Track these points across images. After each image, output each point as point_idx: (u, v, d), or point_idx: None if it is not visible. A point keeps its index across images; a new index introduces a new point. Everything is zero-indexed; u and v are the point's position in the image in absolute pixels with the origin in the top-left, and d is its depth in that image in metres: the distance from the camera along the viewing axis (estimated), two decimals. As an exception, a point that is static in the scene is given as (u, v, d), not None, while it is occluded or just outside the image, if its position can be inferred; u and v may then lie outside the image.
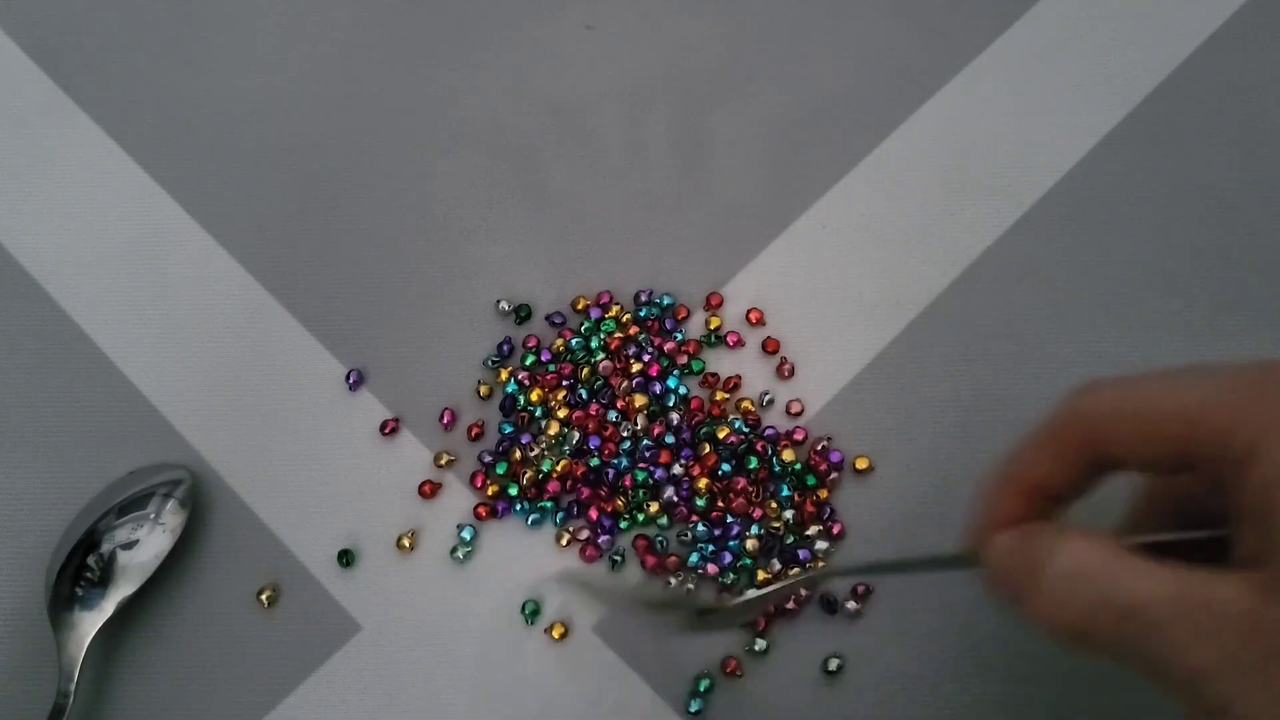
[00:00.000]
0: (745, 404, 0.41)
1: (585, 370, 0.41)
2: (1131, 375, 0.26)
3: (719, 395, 0.41)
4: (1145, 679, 0.24)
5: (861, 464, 0.40)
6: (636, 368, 0.41)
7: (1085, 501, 0.28)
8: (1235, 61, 0.47)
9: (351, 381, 0.42)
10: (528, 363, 0.42)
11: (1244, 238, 0.44)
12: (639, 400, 0.41)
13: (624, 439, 0.40)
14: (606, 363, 0.41)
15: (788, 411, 0.41)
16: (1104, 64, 0.47)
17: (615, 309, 0.43)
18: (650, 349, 0.42)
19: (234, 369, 0.42)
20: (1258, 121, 0.46)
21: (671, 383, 0.41)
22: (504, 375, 0.42)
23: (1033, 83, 0.47)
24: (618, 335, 0.42)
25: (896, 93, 0.47)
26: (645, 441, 0.40)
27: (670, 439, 0.40)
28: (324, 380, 0.42)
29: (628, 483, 0.40)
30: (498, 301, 0.43)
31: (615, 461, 0.40)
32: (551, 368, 0.42)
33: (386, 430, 0.41)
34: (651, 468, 0.40)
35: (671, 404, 0.41)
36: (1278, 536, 0.22)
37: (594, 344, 0.42)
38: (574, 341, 0.42)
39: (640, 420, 0.41)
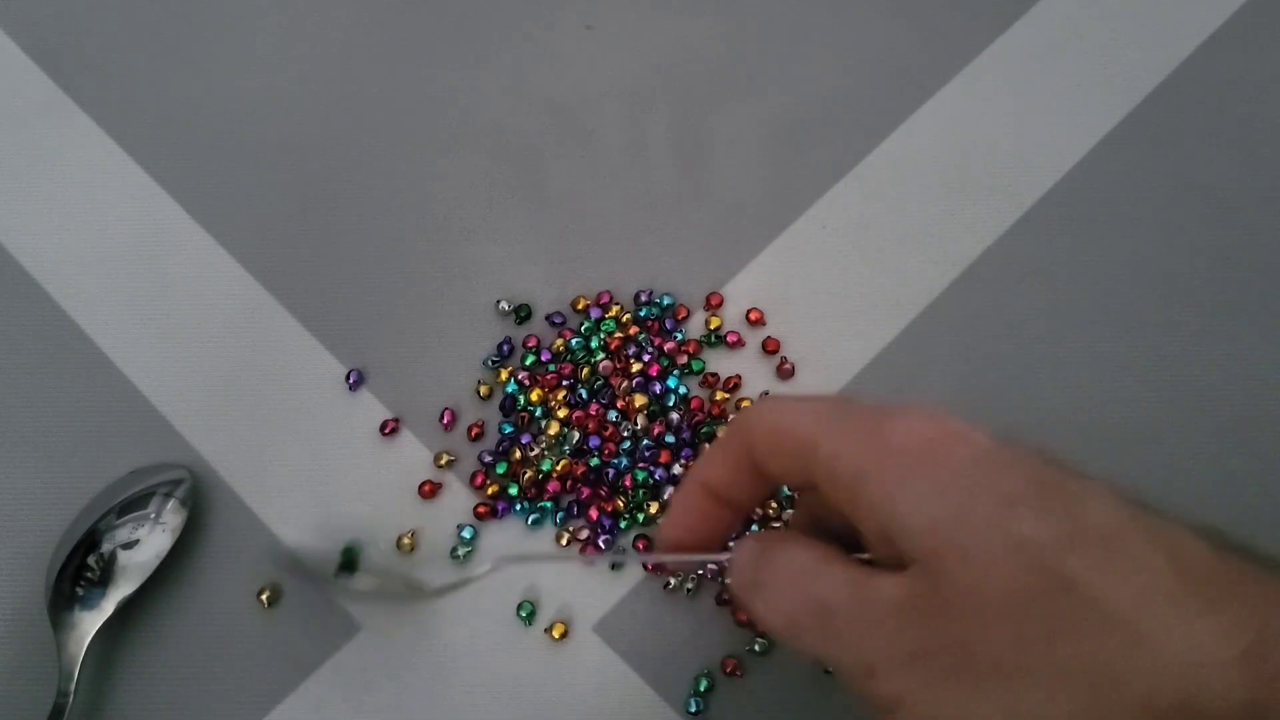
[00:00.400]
0: (745, 404, 0.41)
1: (585, 370, 0.41)
2: (792, 398, 0.30)
3: (719, 395, 0.41)
4: (844, 685, 0.26)
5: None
6: (636, 368, 0.41)
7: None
8: (1235, 61, 0.47)
9: (351, 381, 0.42)
10: (528, 363, 0.42)
11: (1244, 238, 0.44)
12: (639, 400, 0.41)
13: (624, 439, 0.40)
14: (606, 363, 0.41)
15: (788, 411, 0.41)
16: (1104, 64, 0.47)
17: (615, 309, 0.43)
18: (650, 349, 0.42)
19: (234, 369, 0.42)
20: (1258, 121, 0.46)
21: (671, 382, 0.41)
22: (504, 375, 0.42)
23: (1033, 83, 0.47)
24: (618, 335, 0.42)
25: (896, 93, 0.47)
26: (645, 441, 0.40)
27: (670, 439, 0.40)
28: (324, 380, 0.42)
29: (628, 483, 0.40)
30: (498, 302, 0.43)
31: (615, 461, 0.40)
32: (551, 368, 0.42)
33: (386, 430, 0.41)
34: (651, 467, 0.40)
35: (671, 404, 0.41)
36: (906, 540, 0.24)
37: (594, 344, 0.42)
38: (574, 341, 0.42)
39: (640, 420, 0.41)
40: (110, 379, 0.42)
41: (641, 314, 0.43)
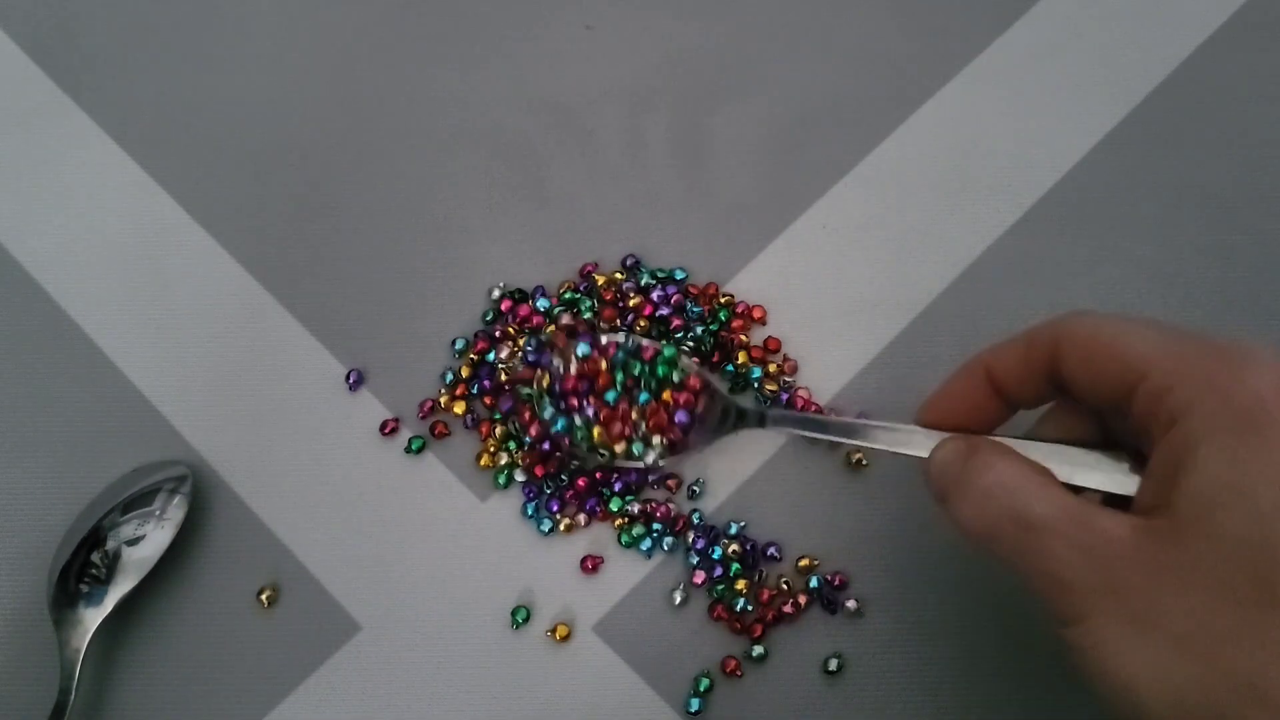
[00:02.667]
0: (772, 367, 0.41)
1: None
2: (1117, 315, 0.29)
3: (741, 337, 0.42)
4: (1026, 587, 0.27)
5: (861, 460, 0.40)
6: (634, 301, 0.42)
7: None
8: (1235, 61, 0.47)
9: (351, 381, 0.42)
10: (488, 318, 0.42)
11: (1244, 238, 0.44)
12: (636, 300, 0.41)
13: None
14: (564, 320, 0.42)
15: (788, 411, 0.41)
16: (1104, 64, 0.47)
17: (602, 278, 0.43)
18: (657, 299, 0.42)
19: (234, 369, 0.42)
20: (1258, 121, 0.46)
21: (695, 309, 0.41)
22: (466, 372, 0.42)
23: (1033, 83, 0.47)
24: (610, 288, 0.42)
25: (896, 93, 0.47)
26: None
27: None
28: (324, 380, 0.42)
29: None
30: (490, 289, 0.43)
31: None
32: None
33: (386, 430, 0.41)
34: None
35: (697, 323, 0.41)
36: (1181, 492, 0.25)
37: (585, 305, 0.42)
38: (557, 309, 0.42)
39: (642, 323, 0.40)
40: (110, 379, 0.42)
41: (642, 281, 0.43)
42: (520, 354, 0.41)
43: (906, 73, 0.47)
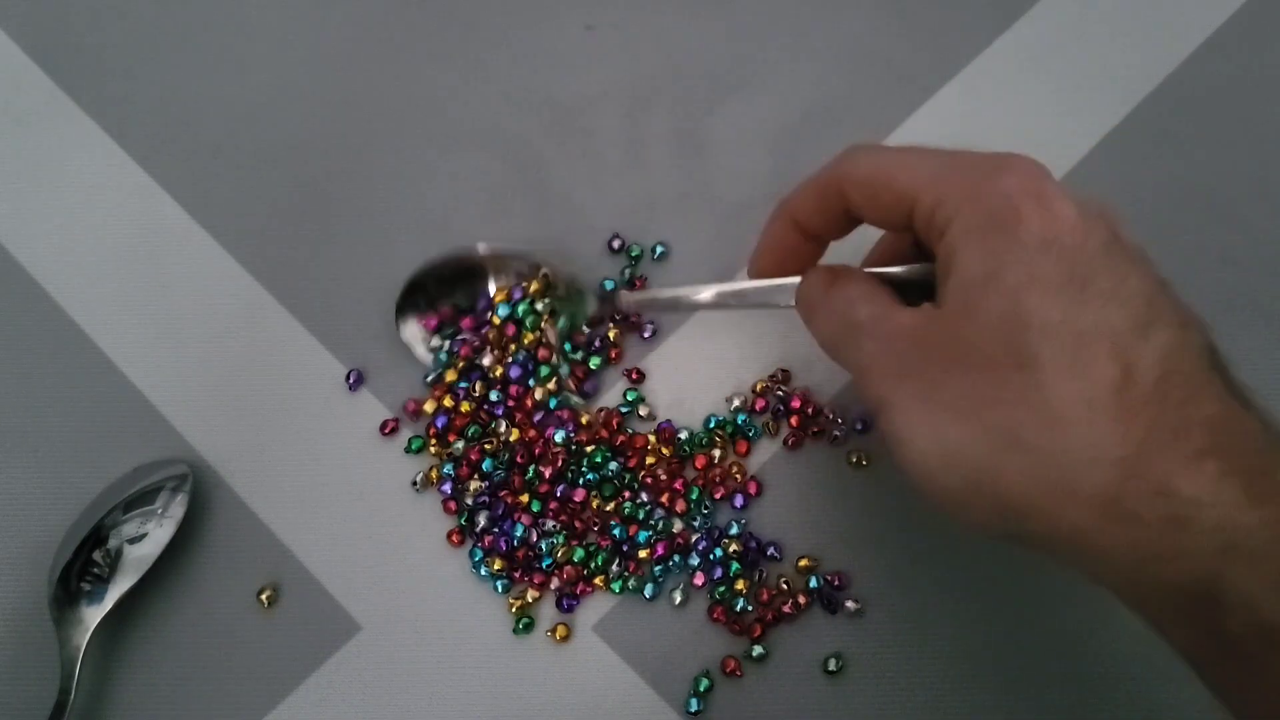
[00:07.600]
0: (760, 385, 0.41)
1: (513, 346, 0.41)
2: (892, 147, 0.33)
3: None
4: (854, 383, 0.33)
5: (861, 460, 0.40)
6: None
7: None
8: (1235, 61, 0.47)
9: (351, 381, 0.42)
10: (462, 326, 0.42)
11: (1244, 238, 0.44)
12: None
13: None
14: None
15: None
16: (1104, 64, 0.47)
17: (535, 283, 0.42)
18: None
19: (234, 369, 0.42)
20: (1258, 121, 0.46)
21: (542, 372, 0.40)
22: (450, 375, 0.41)
23: (1033, 83, 0.47)
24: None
25: (896, 93, 0.47)
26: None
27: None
28: (324, 380, 0.42)
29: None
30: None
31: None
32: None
33: (386, 430, 0.41)
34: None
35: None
36: (948, 288, 0.29)
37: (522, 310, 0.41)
38: (520, 308, 0.41)
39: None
40: (110, 379, 0.42)
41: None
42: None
43: (906, 73, 0.47)
